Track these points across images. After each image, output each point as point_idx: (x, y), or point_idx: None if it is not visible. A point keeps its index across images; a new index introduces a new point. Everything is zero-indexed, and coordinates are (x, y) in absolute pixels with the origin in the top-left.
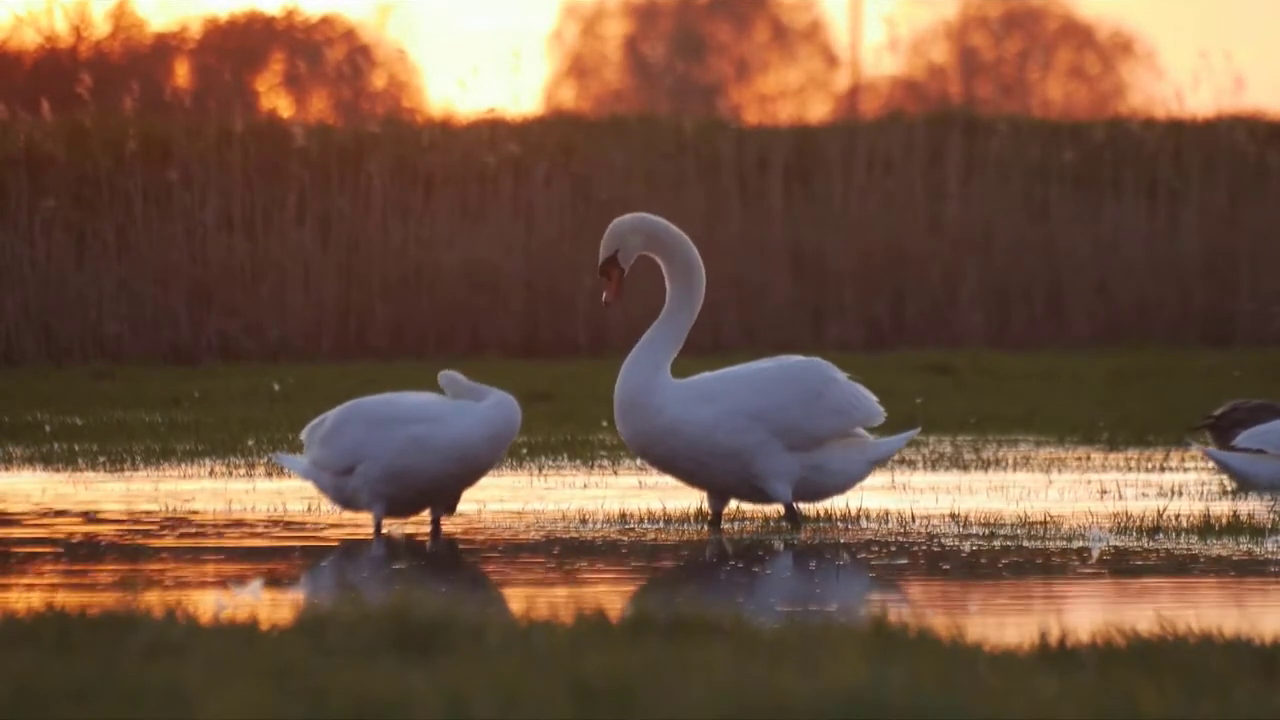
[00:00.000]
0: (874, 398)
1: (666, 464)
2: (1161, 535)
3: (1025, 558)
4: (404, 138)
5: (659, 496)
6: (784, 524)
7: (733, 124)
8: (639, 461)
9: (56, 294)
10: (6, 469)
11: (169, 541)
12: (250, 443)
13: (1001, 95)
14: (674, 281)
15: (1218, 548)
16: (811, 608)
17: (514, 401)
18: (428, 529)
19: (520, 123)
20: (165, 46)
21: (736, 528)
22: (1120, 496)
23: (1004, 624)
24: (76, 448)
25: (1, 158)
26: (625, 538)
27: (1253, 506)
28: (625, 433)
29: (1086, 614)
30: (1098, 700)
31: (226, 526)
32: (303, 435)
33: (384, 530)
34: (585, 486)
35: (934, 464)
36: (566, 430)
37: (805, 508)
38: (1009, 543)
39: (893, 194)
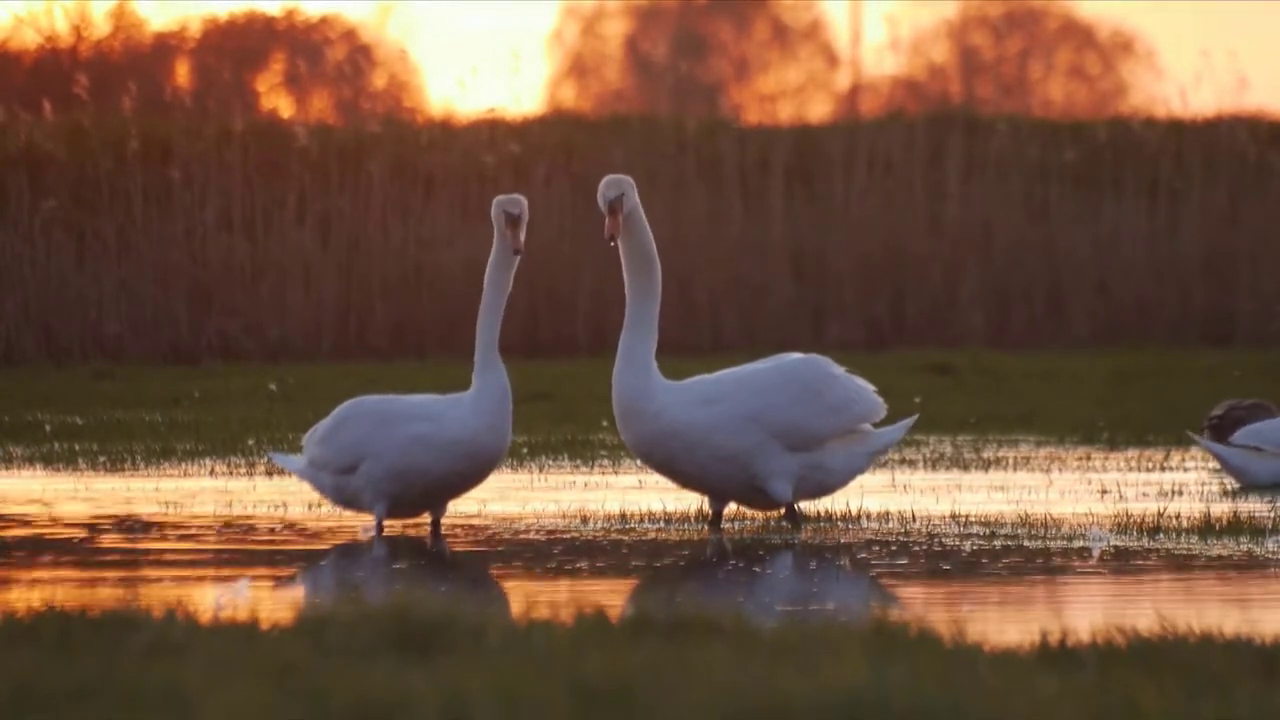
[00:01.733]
0: (874, 390)
1: (667, 467)
2: (1162, 535)
3: (1025, 558)
4: (404, 138)
5: (659, 496)
6: (784, 524)
7: (734, 124)
8: (639, 462)
9: (56, 294)
10: (6, 469)
11: (169, 542)
12: (250, 443)
13: (1002, 95)
14: (633, 271)
15: (1218, 548)
16: (811, 608)
17: (502, 385)
18: (428, 529)
19: (520, 123)
20: (165, 46)
21: (736, 528)
22: (1120, 496)
23: (1004, 624)
24: (76, 448)
25: (1, 158)
26: (625, 537)
27: (1253, 506)
28: (626, 439)
29: (1086, 614)
30: (1098, 700)
31: (227, 526)
32: (304, 439)
33: (384, 530)
34: (585, 486)
35: (934, 464)
36: (566, 430)
37: (805, 507)
38: (1009, 543)
39: (893, 194)
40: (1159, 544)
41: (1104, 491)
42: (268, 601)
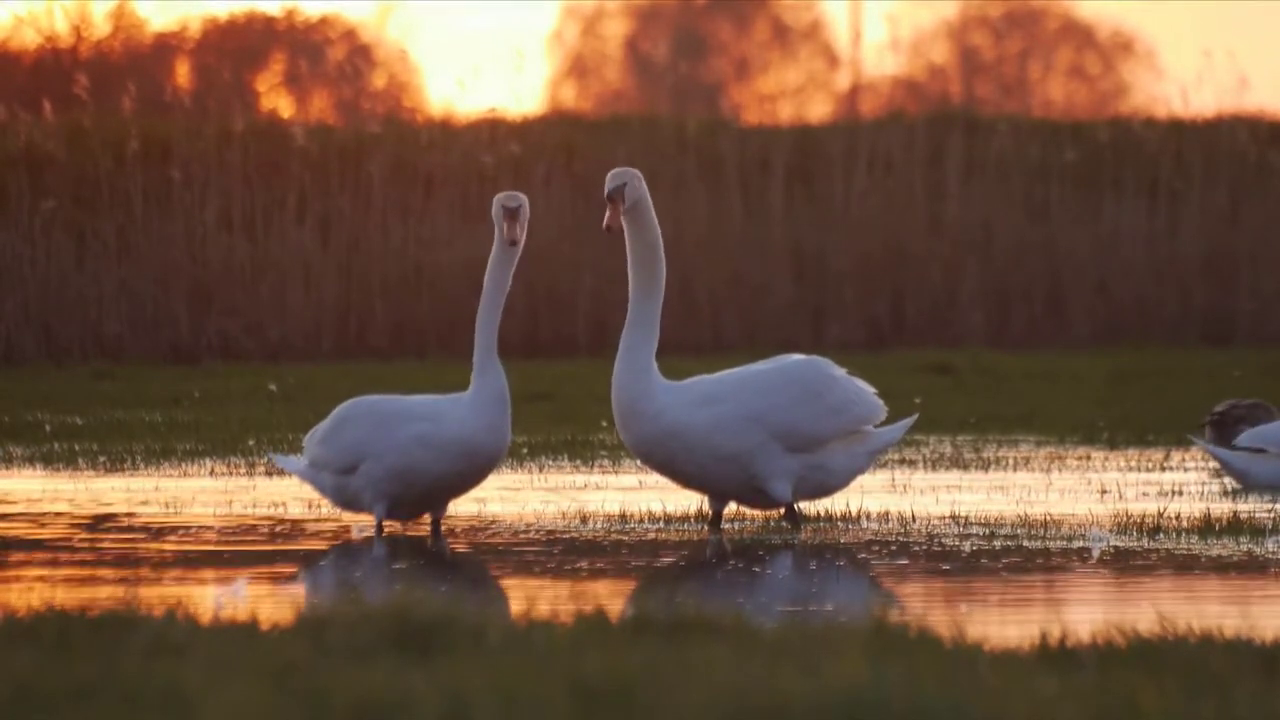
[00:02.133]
0: (874, 393)
1: (668, 468)
2: (1162, 535)
3: (1025, 558)
4: (404, 138)
5: (659, 496)
6: (784, 524)
7: (734, 124)
8: (639, 462)
9: (56, 294)
10: (6, 469)
11: (169, 542)
12: (250, 443)
13: (1002, 95)
14: (637, 265)
15: (1218, 548)
16: (811, 608)
17: (501, 386)
18: (427, 529)
19: (520, 123)
20: (165, 46)
21: (736, 528)
22: (1120, 496)
23: (1004, 624)
24: (76, 448)
25: (1, 158)
26: (625, 538)
27: (1253, 506)
28: (626, 439)
29: (1086, 614)
30: (1098, 700)
31: (226, 527)
32: (304, 440)
33: (384, 530)
34: (585, 487)
35: (934, 464)
36: (566, 430)
37: (805, 507)
38: (1009, 543)
39: (893, 194)
40: (1159, 544)
41: (1104, 491)
42: (268, 601)
